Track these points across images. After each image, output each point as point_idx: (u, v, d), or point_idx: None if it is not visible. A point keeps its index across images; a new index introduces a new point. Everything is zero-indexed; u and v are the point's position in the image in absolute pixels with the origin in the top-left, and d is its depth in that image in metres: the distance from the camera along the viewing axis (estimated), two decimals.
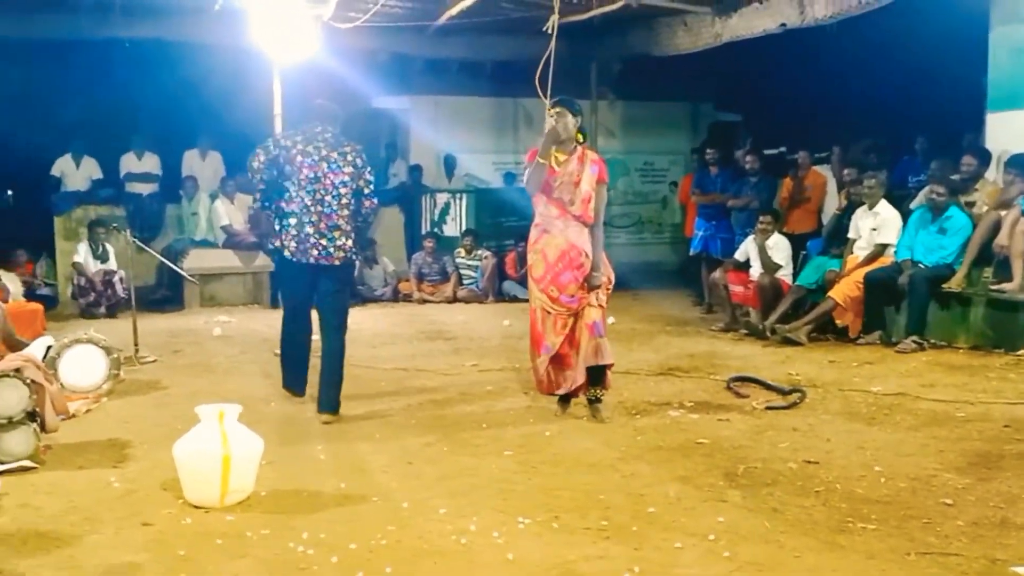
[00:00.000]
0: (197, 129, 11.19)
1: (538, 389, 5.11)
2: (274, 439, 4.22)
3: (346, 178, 5.09)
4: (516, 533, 3.30)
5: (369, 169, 5.27)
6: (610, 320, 6.18)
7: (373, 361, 6.68)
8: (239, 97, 10.30)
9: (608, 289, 4.97)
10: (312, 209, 5.03)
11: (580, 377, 4.91)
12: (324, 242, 5.04)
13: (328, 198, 5.05)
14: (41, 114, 10.60)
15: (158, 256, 8.74)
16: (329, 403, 5.02)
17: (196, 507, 3.56)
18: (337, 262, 5.07)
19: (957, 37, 8.05)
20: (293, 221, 5.05)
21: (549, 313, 4.87)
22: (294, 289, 5.29)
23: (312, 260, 5.03)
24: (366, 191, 5.21)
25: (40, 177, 10.51)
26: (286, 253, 5.08)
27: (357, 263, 5.52)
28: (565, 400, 5.06)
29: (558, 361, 4.94)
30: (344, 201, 5.09)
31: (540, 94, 5.08)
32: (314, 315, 5.29)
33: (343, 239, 5.08)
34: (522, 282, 10.51)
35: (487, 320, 8.79)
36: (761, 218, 7.99)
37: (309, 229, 5.02)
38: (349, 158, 5.15)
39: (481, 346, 7.30)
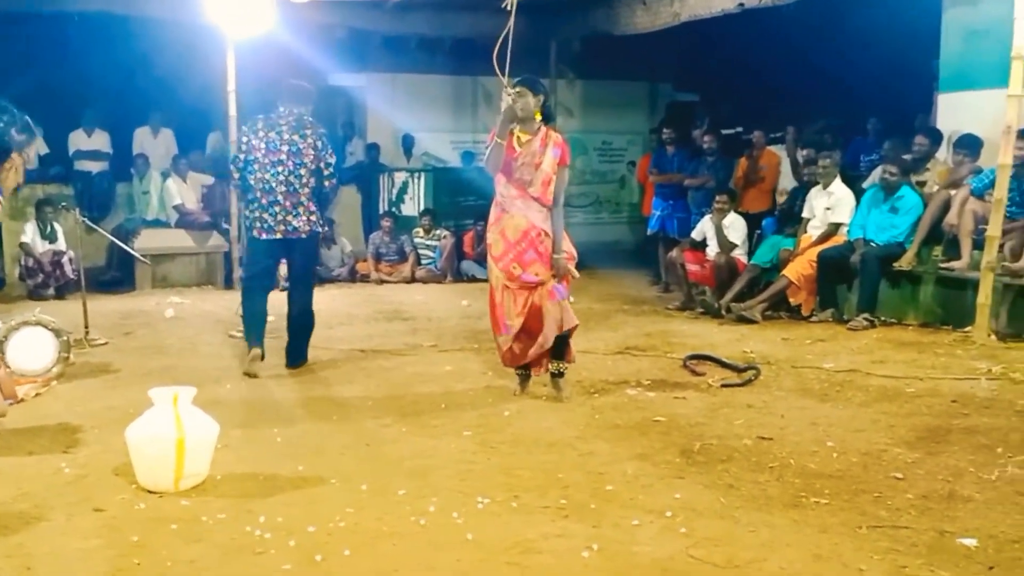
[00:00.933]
0: (149, 106, 10.94)
1: (503, 363, 5.10)
2: (230, 422, 4.17)
3: (306, 159, 5.55)
4: (475, 513, 3.31)
5: (330, 150, 5.66)
6: (570, 299, 6.18)
7: (330, 342, 6.62)
8: (192, 73, 10.11)
9: (572, 262, 4.92)
10: (276, 190, 5.50)
11: (548, 343, 4.87)
12: (290, 218, 5.54)
13: (291, 178, 5.52)
14: None
15: (108, 236, 8.55)
16: (298, 355, 5.72)
17: (150, 492, 3.50)
18: (304, 235, 5.60)
19: (910, 19, 8.17)
20: (262, 201, 5.52)
21: (508, 289, 4.84)
22: (259, 259, 5.74)
23: (279, 236, 5.55)
24: (326, 172, 5.64)
25: None
26: (254, 232, 5.58)
27: (322, 231, 6.01)
28: (525, 379, 5.06)
29: (520, 337, 4.92)
30: (304, 180, 5.55)
31: (497, 72, 5.02)
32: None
33: (306, 214, 5.58)
34: (480, 262, 10.48)
35: (445, 300, 8.76)
36: (717, 197, 8.05)
37: (275, 208, 5.52)
38: (309, 140, 5.57)
39: (439, 326, 7.28)
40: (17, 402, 4.66)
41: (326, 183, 5.66)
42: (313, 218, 5.60)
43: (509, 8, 5.53)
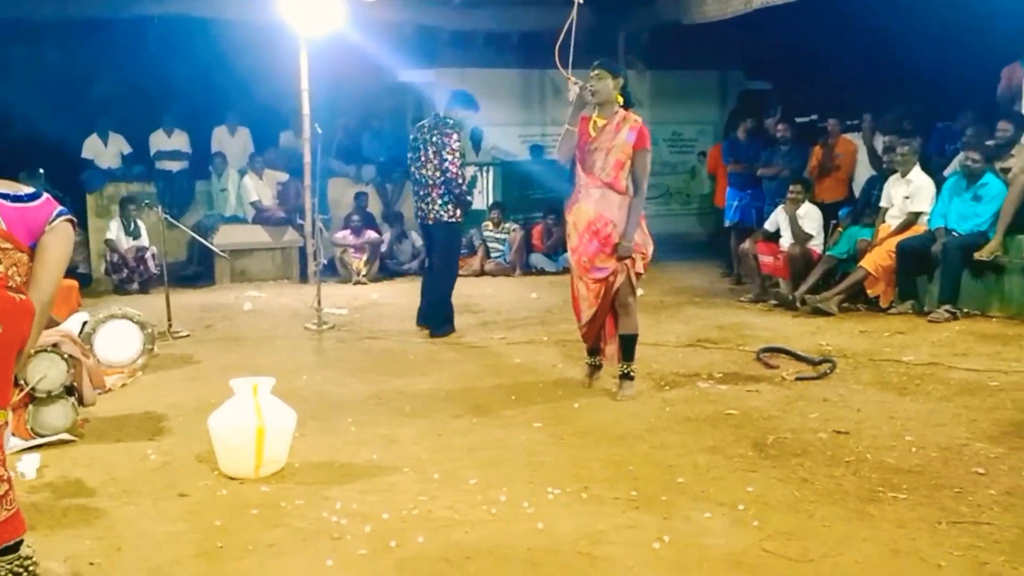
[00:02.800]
0: (226, 105, 11.25)
1: (584, 342, 5.13)
2: (306, 412, 4.28)
3: (431, 155, 6.45)
4: (546, 503, 3.34)
5: (448, 148, 6.40)
6: (640, 292, 6.16)
7: (402, 335, 6.74)
8: (267, 73, 10.34)
9: (645, 259, 4.85)
10: (419, 183, 6.57)
11: (612, 344, 4.92)
12: (425, 206, 6.56)
13: (425, 172, 6.48)
14: (71, 92, 10.70)
15: (189, 232, 8.84)
16: (431, 327, 6.68)
17: (231, 478, 3.63)
18: (431, 222, 6.58)
19: (994, 2, 7.87)
20: (418, 193, 6.62)
21: (582, 280, 4.85)
22: (425, 243, 7.16)
23: (427, 222, 6.62)
24: (444, 165, 6.41)
25: (72, 155, 10.64)
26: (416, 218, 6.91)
27: (455, 221, 6.63)
28: (595, 369, 5.07)
29: (593, 327, 4.94)
30: (432, 174, 6.46)
31: (559, 65, 5.00)
32: None
33: (434, 204, 6.50)
34: (549, 255, 10.53)
35: (515, 293, 8.82)
36: (791, 187, 7.90)
37: (416, 199, 6.68)
38: (434, 139, 6.47)
39: (509, 319, 7.33)
40: (106, 392, 4.86)
41: (447, 174, 6.43)
42: (438, 207, 6.47)
43: (579, 1, 5.51)
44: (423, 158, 6.52)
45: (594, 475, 3.63)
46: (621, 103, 4.76)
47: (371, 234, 10.15)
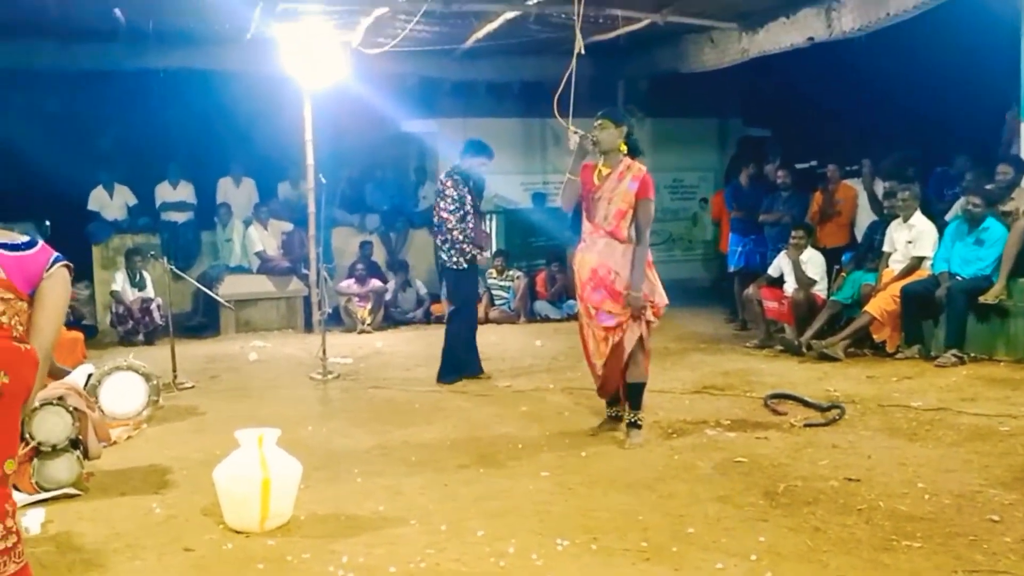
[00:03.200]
0: (230, 156, 11.35)
1: (600, 394, 5.14)
2: (312, 463, 4.25)
3: (438, 202, 6.67)
4: (555, 555, 3.30)
5: (442, 195, 6.61)
6: None
7: (407, 384, 6.72)
8: (271, 124, 10.46)
9: (655, 308, 4.83)
10: (434, 231, 6.89)
11: (615, 389, 4.95)
12: (439, 254, 6.82)
13: (436, 220, 6.73)
14: (77, 143, 10.81)
15: (194, 283, 8.86)
16: (442, 375, 6.74)
17: (237, 532, 3.59)
18: (440, 269, 6.95)
19: (989, 46, 7.97)
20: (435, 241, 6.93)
21: (590, 328, 4.85)
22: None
23: (439, 269, 6.99)
24: (441, 213, 6.61)
25: (77, 206, 10.72)
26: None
27: (458, 268, 6.70)
28: (614, 421, 5.05)
29: (607, 377, 4.94)
30: (437, 221, 6.71)
31: (557, 115, 5.04)
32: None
33: (440, 251, 6.74)
34: (553, 302, 10.53)
35: (519, 340, 8.80)
36: (793, 233, 7.94)
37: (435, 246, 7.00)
38: (438, 187, 6.80)
39: (514, 367, 7.30)
40: (110, 444, 4.83)
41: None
42: (443, 255, 6.67)
43: (580, 52, 5.59)
44: (435, 207, 6.74)
45: (603, 525, 3.59)
46: (625, 151, 4.79)
47: (375, 283, 10.18)
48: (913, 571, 3.07)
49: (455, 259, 6.59)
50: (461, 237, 6.56)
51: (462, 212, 6.59)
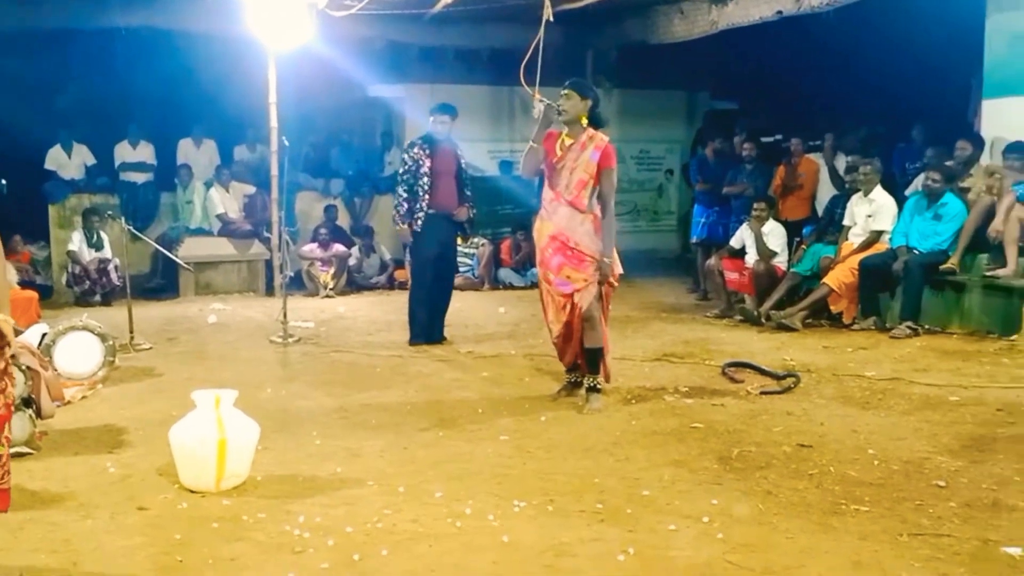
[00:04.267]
0: (192, 117, 11.15)
1: (560, 359, 5.18)
2: (270, 425, 4.23)
3: None
4: (511, 516, 3.32)
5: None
6: None
7: (369, 348, 6.69)
8: (234, 85, 10.27)
9: (613, 282, 4.88)
10: None
11: (577, 357, 4.97)
12: None
13: None
14: (36, 102, 10.54)
15: (153, 244, 8.73)
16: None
17: (192, 492, 3.57)
18: None
19: (953, 24, 8.05)
20: None
21: (549, 293, 4.87)
22: None
23: None
24: None
25: (35, 165, 10.48)
26: None
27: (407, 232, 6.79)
28: (573, 387, 5.08)
29: (561, 340, 4.98)
30: None
31: (523, 83, 5.02)
32: None
33: None
34: (517, 270, 10.53)
35: (483, 307, 8.80)
36: (755, 205, 7.99)
37: None
38: None
39: (476, 333, 7.31)
40: (64, 404, 4.77)
41: None
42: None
43: (549, 19, 5.54)
44: None
45: (560, 488, 3.61)
46: (586, 124, 4.79)
47: (338, 247, 10.09)
48: (861, 534, 3.13)
49: (400, 222, 6.75)
50: (396, 203, 6.74)
51: (409, 178, 6.62)
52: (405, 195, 6.67)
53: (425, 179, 6.56)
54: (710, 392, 5.22)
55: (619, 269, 4.91)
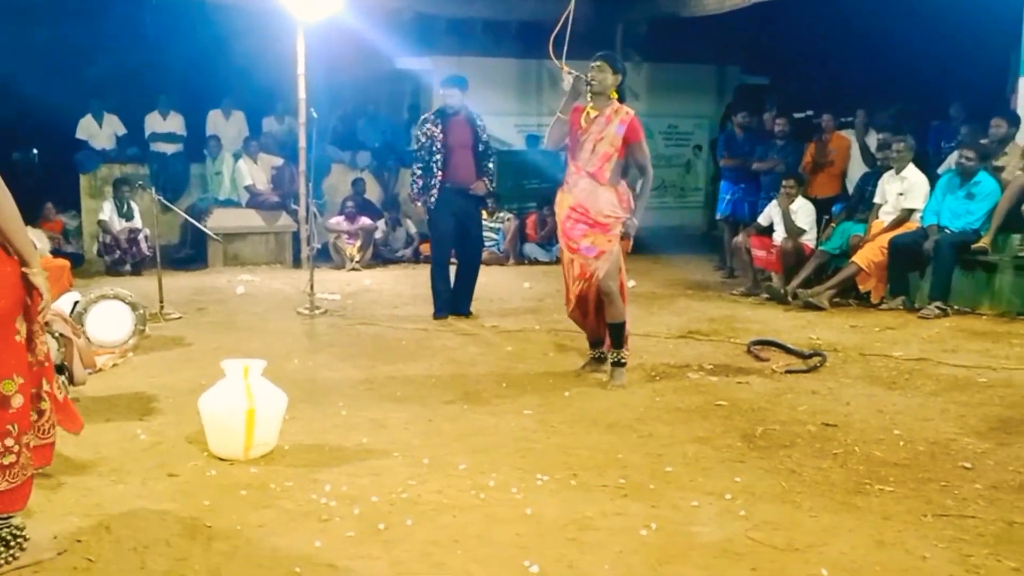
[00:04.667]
0: (222, 89, 11.21)
1: (583, 330, 5.24)
2: (297, 395, 4.28)
3: None
4: (534, 489, 3.35)
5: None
6: (631, 284, 6.16)
7: (394, 321, 6.74)
8: (263, 57, 10.30)
9: (628, 242, 4.93)
10: None
11: (599, 329, 5.01)
12: None
13: None
14: (67, 72, 10.64)
15: (182, 214, 8.81)
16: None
17: (221, 459, 3.62)
18: None
19: (990, 1, 7.88)
20: None
21: (572, 261, 4.88)
22: None
23: None
24: None
25: (66, 135, 10.59)
26: None
27: (425, 207, 6.86)
28: (597, 361, 5.10)
29: (581, 310, 5.02)
30: None
31: (552, 56, 4.99)
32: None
33: None
34: (543, 245, 10.52)
35: (508, 282, 8.81)
36: (784, 182, 7.92)
37: None
38: None
39: (501, 308, 7.32)
40: (96, 371, 4.84)
41: None
42: None
43: None
44: None
45: (583, 463, 3.63)
46: (615, 98, 4.79)
47: (365, 220, 10.13)
48: (884, 514, 3.13)
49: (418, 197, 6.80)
50: (412, 180, 6.78)
51: (424, 154, 6.63)
52: (420, 171, 6.68)
53: (439, 154, 6.55)
54: (735, 370, 5.20)
55: (634, 227, 4.91)
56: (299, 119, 9.43)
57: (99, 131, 10.65)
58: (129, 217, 9.50)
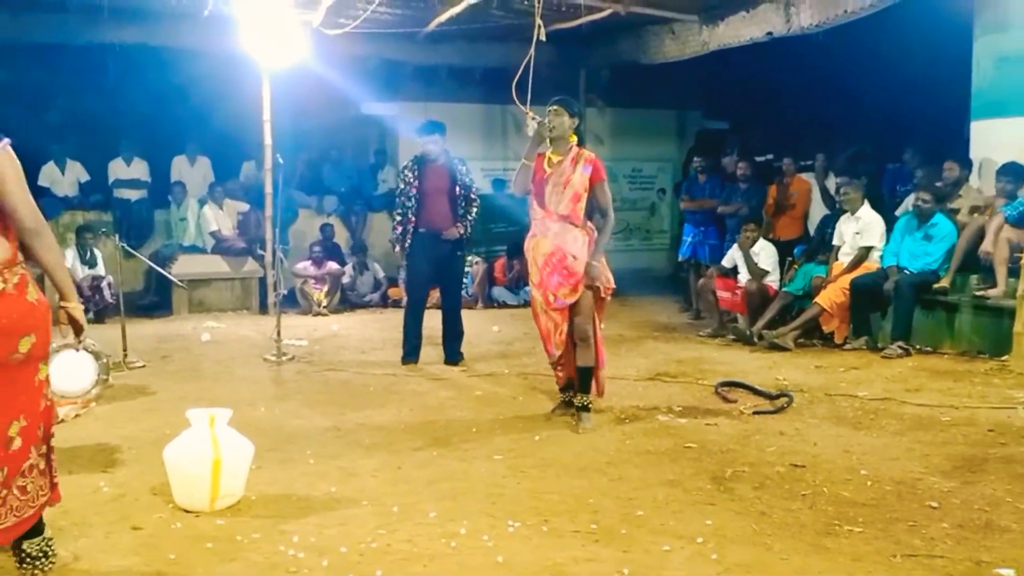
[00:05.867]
0: (186, 135, 11.18)
1: (557, 380, 5.25)
2: (264, 444, 4.23)
3: None
4: (506, 536, 3.32)
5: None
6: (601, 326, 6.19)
7: (362, 367, 6.69)
8: (228, 103, 10.31)
9: (607, 293, 4.95)
10: None
11: (570, 375, 5.05)
12: None
13: None
14: (29, 118, 10.53)
15: (146, 261, 8.73)
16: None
17: (186, 511, 3.56)
18: None
19: (942, 46, 8.15)
20: None
21: (548, 314, 4.90)
22: None
23: None
24: None
25: (28, 181, 10.45)
26: None
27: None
28: (566, 406, 5.11)
29: (562, 362, 5.06)
30: None
31: (516, 100, 5.07)
32: None
33: None
34: (511, 288, 10.56)
35: (476, 326, 8.77)
36: (744, 227, 8.04)
37: None
38: None
39: (470, 352, 7.28)
40: (58, 423, 4.73)
41: None
42: None
43: (542, 39, 5.60)
44: None
45: (554, 508, 3.62)
46: (574, 141, 4.88)
47: (332, 265, 10.10)
48: (854, 555, 3.15)
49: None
50: (392, 226, 6.87)
51: (405, 200, 6.66)
52: (399, 218, 6.73)
53: (412, 200, 6.62)
54: (703, 412, 5.23)
55: (611, 283, 4.95)
56: (265, 164, 9.43)
57: (61, 178, 10.56)
58: (92, 264, 9.38)
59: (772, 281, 7.87)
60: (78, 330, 2.90)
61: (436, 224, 6.66)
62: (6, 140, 2.74)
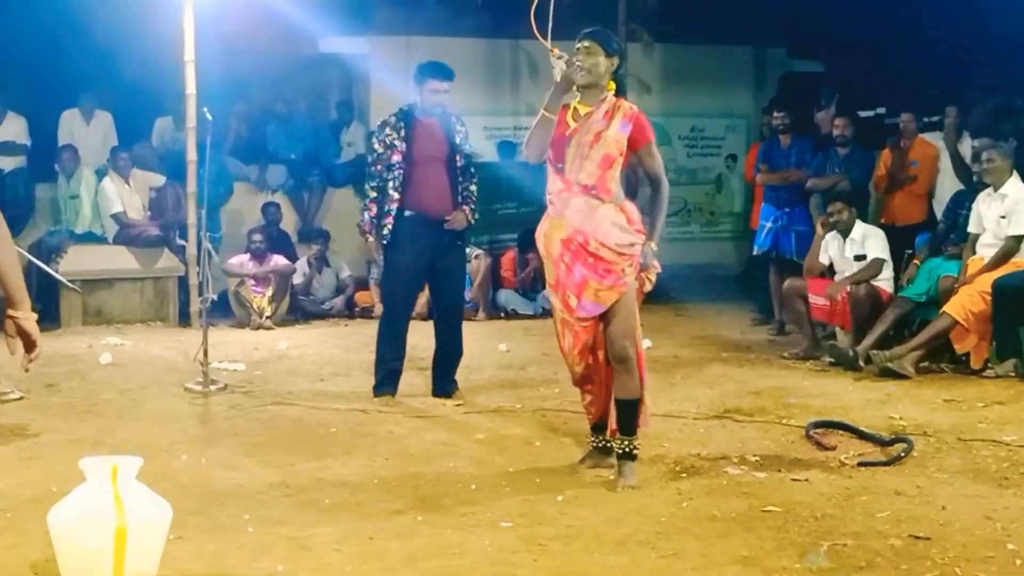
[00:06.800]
0: (80, 83, 11.22)
1: (586, 413, 5.25)
2: (186, 506, 4.24)
3: None
4: None
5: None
6: (646, 344, 6.20)
7: (320, 400, 6.72)
8: (138, 41, 10.35)
9: (651, 278, 4.94)
10: None
11: (605, 409, 5.02)
12: None
13: None
14: None
15: (25, 255, 8.78)
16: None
17: None
18: None
19: None
20: None
21: (567, 323, 4.87)
22: None
23: None
24: None
25: None
26: None
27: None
28: (601, 452, 5.10)
29: (587, 386, 5.05)
30: None
31: (536, 33, 5.06)
32: None
33: None
34: (524, 291, 10.56)
35: (476, 343, 8.79)
36: (829, 206, 8.04)
37: None
38: None
39: (468, 379, 7.31)
40: None
41: None
42: None
43: None
44: None
45: None
46: (612, 90, 4.85)
47: (278, 260, 10.13)
48: None
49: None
50: (362, 206, 6.77)
51: (382, 170, 6.59)
52: (375, 195, 6.61)
53: (398, 171, 6.52)
54: (789, 463, 5.23)
55: (658, 266, 4.95)
56: (187, 122, 9.47)
57: None
58: None
59: (884, 282, 7.85)
60: (29, 346, 2.91)
61: (430, 206, 6.59)
62: None
